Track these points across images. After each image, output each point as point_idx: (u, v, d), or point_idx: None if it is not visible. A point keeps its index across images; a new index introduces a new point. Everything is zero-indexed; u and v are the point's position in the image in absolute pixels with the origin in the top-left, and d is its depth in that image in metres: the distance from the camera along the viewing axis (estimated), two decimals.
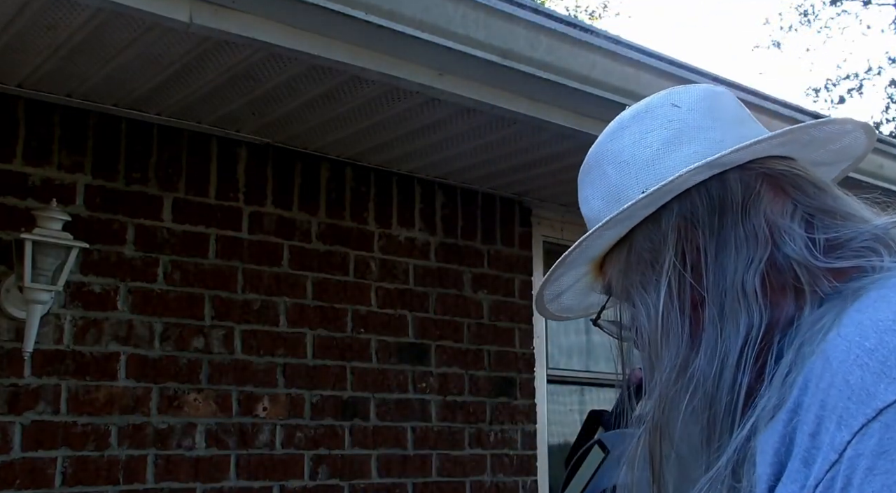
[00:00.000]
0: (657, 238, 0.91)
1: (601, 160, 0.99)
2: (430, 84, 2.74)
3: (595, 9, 19.43)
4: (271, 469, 3.19)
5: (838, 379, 0.69)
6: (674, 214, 0.91)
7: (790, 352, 0.78)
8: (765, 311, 0.84)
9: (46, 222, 2.73)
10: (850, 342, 0.71)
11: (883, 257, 0.82)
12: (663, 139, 0.94)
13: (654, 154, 0.93)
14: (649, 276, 0.91)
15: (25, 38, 2.51)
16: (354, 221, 3.57)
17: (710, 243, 0.88)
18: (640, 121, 0.97)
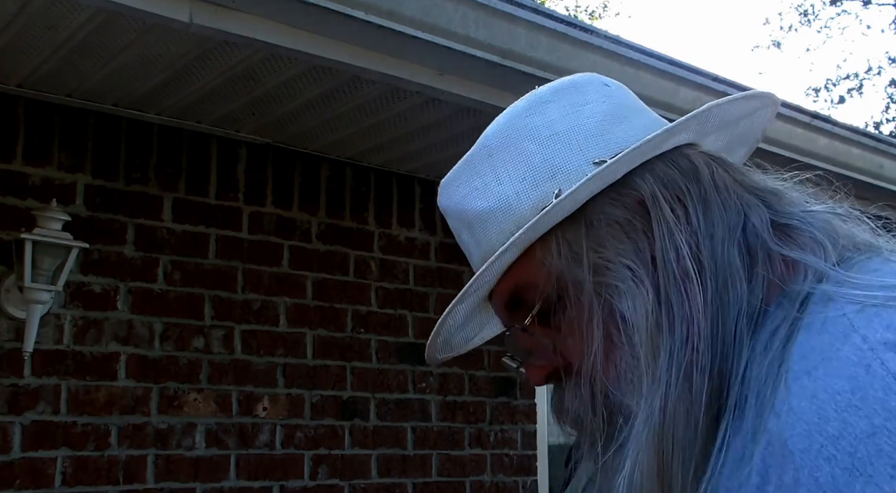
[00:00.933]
0: (630, 207, 0.79)
1: (513, 139, 0.86)
2: (430, 84, 2.74)
3: (595, 9, 19.44)
4: (271, 469, 3.19)
5: (804, 476, 0.60)
6: (648, 180, 0.80)
7: (750, 385, 0.70)
8: (746, 291, 0.75)
9: (46, 222, 2.73)
10: (808, 425, 0.61)
11: (827, 256, 0.73)
12: (604, 112, 0.84)
13: (600, 124, 0.83)
14: (635, 250, 0.78)
15: (25, 38, 2.51)
16: (354, 221, 3.57)
17: (699, 209, 0.78)
18: (568, 95, 0.86)
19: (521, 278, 0.83)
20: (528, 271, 0.83)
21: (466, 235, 0.90)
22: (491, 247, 0.84)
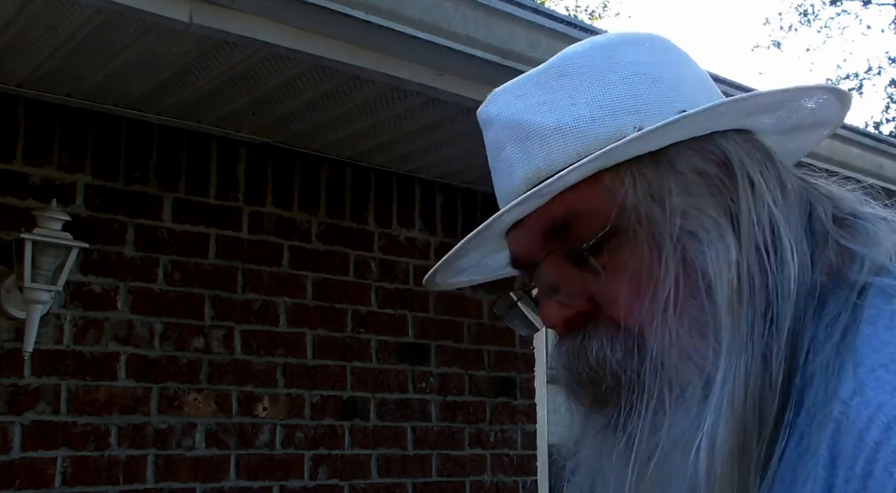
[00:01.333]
0: (715, 164, 0.75)
1: (595, 67, 0.80)
2: (430, 84, 2.74)
3: (595, 9, 19.45)
4: (271, 469, 3.19)
5: (878, 469, 0.58)
6: (732, 143, 0.76)
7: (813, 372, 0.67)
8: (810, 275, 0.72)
9: (46, 222, 2.73)
10: (888, 419, 0.60)
11: (885, 252, 0.72)
12: (688, 72, 0.81)
13: (683, 79, 0.80)
14: (720, 205, 0.74)
15: (25, 39, 2.51)
16: (354, 221, 3.57)
17: (776, 187, 0.75)
18: (655, 44, 0.83)
19: (577, 204, 0.77)
20: (588, 199, 0.76)
21: (513, 148, 0.82)
22: (551, 164, 0.78)
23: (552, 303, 0.78)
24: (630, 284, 0.74)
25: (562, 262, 0.77)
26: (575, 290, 0.76)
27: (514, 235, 0.83)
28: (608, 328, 0.75)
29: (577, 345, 0.76)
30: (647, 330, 0.73)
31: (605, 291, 0.75)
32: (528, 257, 0.81)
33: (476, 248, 0.87)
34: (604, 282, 0.75)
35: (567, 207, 0.77)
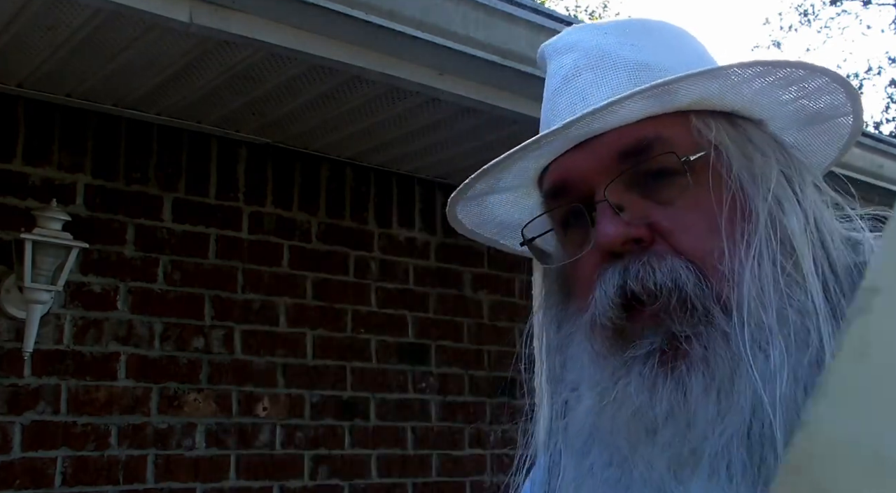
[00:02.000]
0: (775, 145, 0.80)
1: (675, 30, 0.85)
2: (430, 84, 2.74)
3: (595, 9, 19.44)
4: (271, 469, 3.19)
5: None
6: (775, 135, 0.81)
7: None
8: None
9: (46, 222, 2.73)
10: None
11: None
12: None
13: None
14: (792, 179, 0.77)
15: (25, 38, 2.51)
16: (354, 221, 3.57)
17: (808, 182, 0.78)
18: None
19: (664, 131, 0.76)
20: (674, 130, 0.77)
21: (592, 75, 0.81)
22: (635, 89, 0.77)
23: (616, 220, 0.75)
24: (703, 221, 0.74)
25: (629, 186, 0.76)
26: (639, 214, 0.75)
27: (574, 155, 0.79)
28: (673, 257, 0.74)
29: (639, 266, 0.74)
30: (715, 269, 0.73)
31: (671, 222, 0.75)
32: (586, 178, 0.78)
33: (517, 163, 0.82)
34: (672, 213, 0.75)
35: (655, 130, 0.76)
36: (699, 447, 0.70)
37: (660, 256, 0.74)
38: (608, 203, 0.75)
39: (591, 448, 0.79)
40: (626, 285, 0.74)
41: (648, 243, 0.75)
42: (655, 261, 0.74)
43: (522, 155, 0.80)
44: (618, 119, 0.76)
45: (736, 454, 0.69)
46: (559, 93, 0.83)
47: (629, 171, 0.76)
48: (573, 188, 0.80)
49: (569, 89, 0.82)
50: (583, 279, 0.79)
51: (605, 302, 0.75)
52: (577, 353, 0.81)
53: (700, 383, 0.71)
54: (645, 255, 0.74)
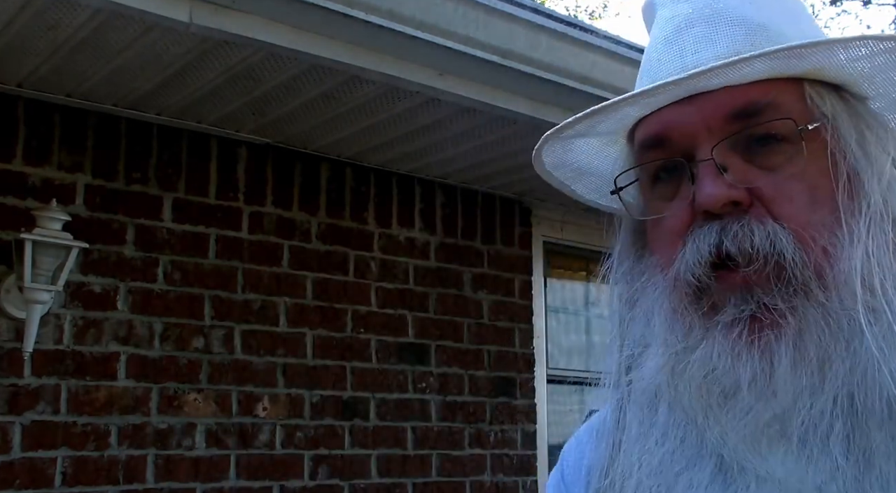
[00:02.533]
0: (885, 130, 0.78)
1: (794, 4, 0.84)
2: (430, 84, 2.74)
3: (595, 9, 19.44)
4: (271, 469, 3.19)
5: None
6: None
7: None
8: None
9: (46, 222, 2.73)
10: None
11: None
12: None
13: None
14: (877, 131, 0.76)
15: (25, 38, 2.51)
16: (354, 221, 3.57)
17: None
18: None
19: (779, 96, 0.75)
20: (788, 97, 0.75)
21: (707, 29, 0.79)
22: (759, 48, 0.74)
23: (720, 181, 0.73)
24: (807, 191, 0.73)
25: (733, 148, 0.75)
26: (741, 177, 0.74)
27: (679, 109, 0.77)
28: (773, 223, 0.73)
29: (738, 227, 0.73)
30: (815, 242, 0.72)
31: (774, 189, 0.73)
32: (690, 134, 0.77)
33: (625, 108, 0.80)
34: (775, 181, 0.74)
35: (769, 94, 0.75)
36: (785, 418, 0.69)
37: (760, 220, 0.73)
38: (714, 162, 0.74)
39: (658, 407, 0.78)
40: (722, 245, 0.72)
41: (747, 207, 0.73)
42: (755, 224, 0.72)
43: (634, 101, 0.78)
44: (737, 77, 0.74)
45: (833, 426, 0.68)
46: (669, 42, 0.81)
47: (738, 133, 0.74)
48: (673, 142, 0.78)
49: (680, 40, 0.80)
50: (668, 235, 0.78)
51: (695, 259, 0.74)
52: (651, 309, 0.79)
53: (790, 355, 0.69)
54: (745, 217, 0.73)
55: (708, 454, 0.73)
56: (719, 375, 0.71)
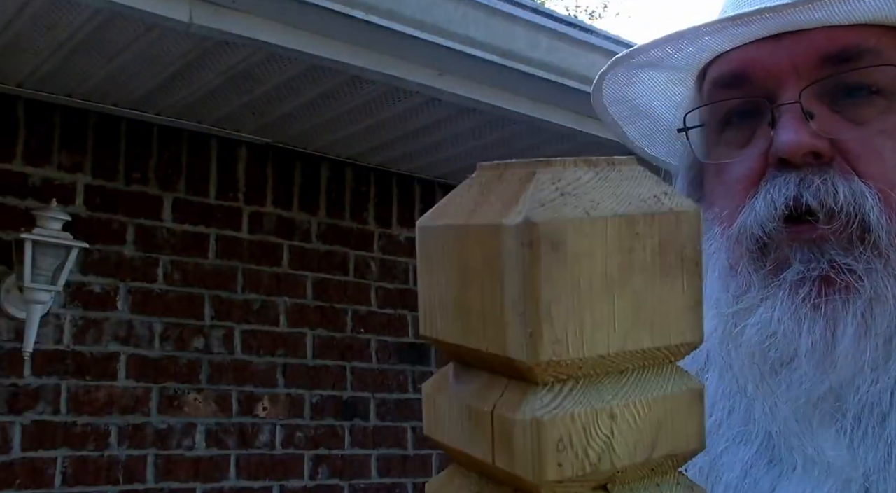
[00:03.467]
0: None
1: None
2: (430, 84, 2.74)
3: (595, 9, 19.43)
4: (271, 469, 3.19)
5: None
6: None
7: None
8: None
9: (46, 222, 2.73)
10: None
11: None
12: None
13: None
14: None
15: (25, 38, 2.51)
16: (354, 221, 3.57)
17: None
18: None
19: (880, 44, 0.68)
20: (891, 44, 0.68)
21: None
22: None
23: (804, 128, 0.66)
24: (888, 150, 0.67)
25: (821, 95, 0.68)
26: (827, 127, 0.67)
27: (766, 46, 0.70)
28: (858, 181, 0.66)
29: (819, 181, 0.66)
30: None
31: (861, 144, 0.67)
32: (776, 75, 0.70)
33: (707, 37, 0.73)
34: (863, 135, 0.67)
35: (870, 39, 0.68)
36: (842, 393, 0.63)
37: (844, 176, 0.66)
38: (800, 106, 0.67)
39: (707, 373, 0.71)
40: (802, 198, 0.66)
41: (828, 161, 0.67)
42: (840, 180, 0.66)
43: (721, 28, 0.71)
44: (840, 14, 0.67)
45: (885, 410, 0.62)
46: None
47: (829, 77, 0.68)
48: (755, 82, 0.71)
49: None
50: (734, 185, 0.71)
51: (768, 211, 0.67)
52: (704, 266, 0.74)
53: (856, 324, 0.63)
54: (829, 171, 0.66)
55: (755, 431, 0.67)
56: (779, 340, 0.65)
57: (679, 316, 0.39)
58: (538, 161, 0.39)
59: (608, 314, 0.37)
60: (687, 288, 0.39)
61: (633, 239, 0.38)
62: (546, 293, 0.36)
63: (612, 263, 0.37)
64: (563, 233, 0.36)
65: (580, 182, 0.38)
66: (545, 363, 0.36)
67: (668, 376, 0.40)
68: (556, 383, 0.37)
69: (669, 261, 0.39)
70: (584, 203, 0.37)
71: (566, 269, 0.36)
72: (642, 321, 0.38)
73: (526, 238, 0.36)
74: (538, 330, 0.36)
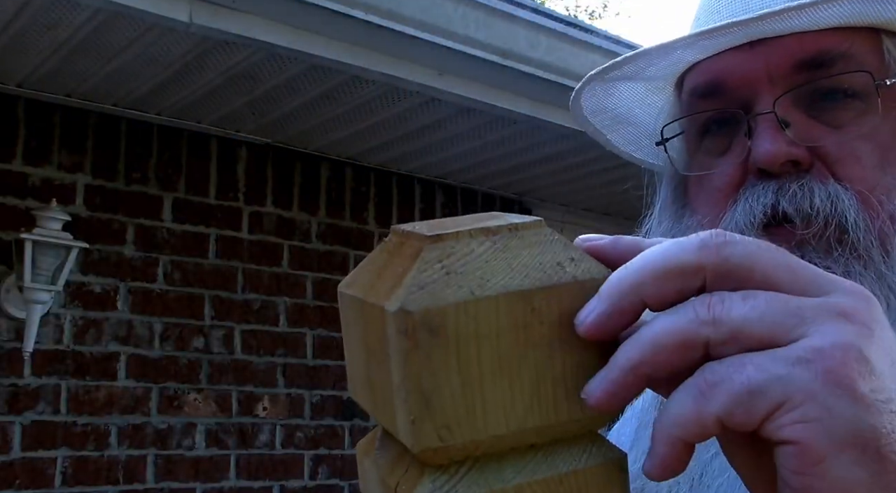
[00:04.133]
0: None
1: None
2: (430, 84, 2.74)
3: (595, 9, 19.44)
4: (271, 469, 3.19)
5: None
6: None
7: None
8: None
9: (46, 222, 2.73)
10: None
11: None
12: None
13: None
14: None
15: (25, 38, 2.51)
16: (354, 221, 3.57)
17: None
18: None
19: (853, 48, 0.68)
20: (863, 49, 0.69)
21: None
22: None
23: (780, 137, 0.67)
24: (876, 152, 0.67)
25: (796, 102, 0.69)
26: (804, 134, 0.67)
27: (739, 55, 0.70)
28: (835, 183, 0.66)
29: (796, 187, 0.66)
30: (882, 206, 0.66)
31: (839, 148, 0.67)
32: (750, 84, 0.70)
33: (679, 52, 0.73)
34: (841, 139, 0.67)
35: (843, 43, 0.68)
36: None
37: (820, 180, 0.66)
38: (775, 116, 0.67)
39: None
40: (779, 205, 0.66)
41: (806, 168, 0.67)
42: (815, 184, 0.66)
43: (692, 42, 0.71)
44: (811, 21, 0.67)
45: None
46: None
47: (804, 85, 0.68)
48: (730, 91, 0.71)
49: None
50: (715, 193, 0.71)
51: (746, 219, 0.67)
52: None
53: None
54: (805, 177, 0.66)
55: None
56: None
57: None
58: (435, 234, 0.37)
59: (503, 394, 0.36)
60: (596, 357, 0.37)
61: (529, 314, 0.36)
62: (426, 380, 0.35)
63: (504, 341, 0.36)
64: (443, 317, 0.35)
65: (471, 257, 0.36)
66: (430, 450, 0.35)
67: (584, 448, 0.38)
68: (452, 464, 0.36)
69: (573, 332, 0.37)
70: (472, 281, 0.36)
71: (449, 353, 0.35)
72: (545, 396, 0.36)
73: (402, 325, 0.35)
74: (420, 417, 0.35)
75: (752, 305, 0.35)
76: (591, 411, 0.37)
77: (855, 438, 0.34)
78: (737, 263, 0.37)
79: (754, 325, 0.35)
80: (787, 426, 0.34)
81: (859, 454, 0.34)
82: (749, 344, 0.35)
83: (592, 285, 0.37)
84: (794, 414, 0.34)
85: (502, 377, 0.36)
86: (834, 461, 0.34)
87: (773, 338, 0.35)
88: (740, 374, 0.34)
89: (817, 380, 0.34)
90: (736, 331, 0.35)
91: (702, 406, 0.35)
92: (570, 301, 0.37)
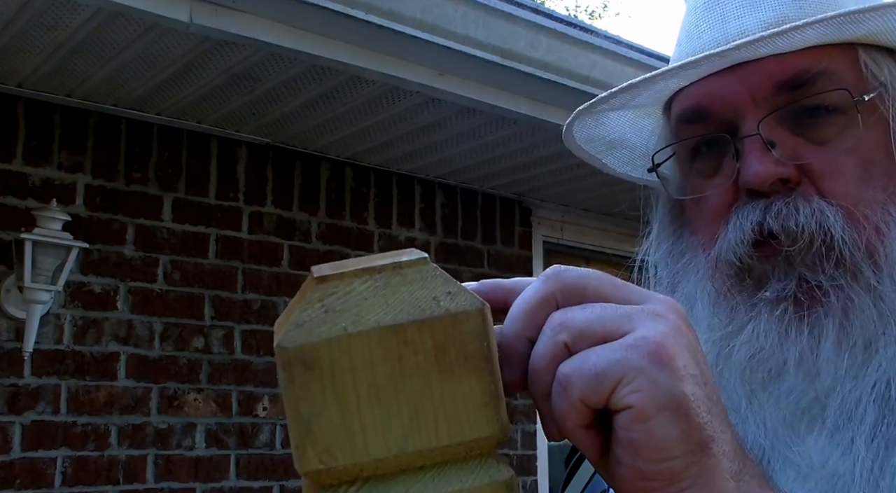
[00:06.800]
0: None
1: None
2: (430, 84, 2.74)
3: (595, 9, 19.46)
4: (271, 469, 3.19)
5: None
6: None
7: None
8: None
9: (46, 222, 2.73)
10: None
11: None
12: None
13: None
14: None
15: (25, 38, 2.51)
16: (354, 221, 3.57)
17: None
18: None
19: (832, 65, 0.70)
20: (841, 65, 0.70)
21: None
22: (803, 16, 0.70)
23: (767, 158, 0.68)
24: (860, 166, 0.68)
25: (780, 121, 0.70)
26: (790, 152, 0.69)
27: (722, 79, 0.72)
28: (820, 200, 0.68)
29: (782, 204, 0.68)
30: (867, 219, 0.67)
31: (824, 164, 0.69)
32: (733, 107, 0.72)
33: (664, 81, 0.75)
34: (825, 155, 0.69)
35: (821, 62, 0.69)
36: (825, 399, 0.65)
37: (806, 197, 0.68)
38: (760, 138, 0.69)
39: None
40: (765, 223, 0.68)
41: (795, 184, 0.69)
42: (801, 202, 0.68)
43: (676, 73, 0.73)
44: (786, 45, 0.68)
45: (866, 413, 0.63)
46: (710, 7, 0.76)
47: (787, 105, 0.69)
48: (716, 115, 0.73)
49: (721, 4, 0.75)
50: (709, 213, 0.73)
51: (736, 238, 0.69)
52: (693, 293, 0.75)
53: (835, 333, 0.65)
54: (791, 195, 0.68)
55: (748, 447, 0.67)
56: (766, 355, 0.67)
57: (470, 412, 0.40)
58: (321, 276, 0.40)
59: (382, 419, 0.39)
60: (476, 384, 0.41)
61: (402, 346, 0.39)
62: (305, 410, 0.38)
63: (378, 372, 0.39)
64: (317, 352, 0.38)
65: (351, 295, 0.40)
66: (314, 472, 0.39)
67: (472, 469, 0.41)
68: (342, 484, 0.39)
69: (450, 361, 0.40)
70: (347, 318, 0.39)
71: (325, 384, 0.38)
72: (424, 422, 0.40)
73: (281, 361, 0.39)
74: (302, 443, 0.39)
75: (591, 311, 0.46)
76: (475, 433, 0.41)
77: (671, 402, 0.44)
78: (573, 284, 0.47)
79: (594, 325, 0.45)
80: (625, 396, 0.44)
81: (673, 415, 0.44)
82: (594, 340, 0.45)
83: (465, 318, 0.41)
84: (630, 386, 0.44)
85: (380, 404, 0.39)
86: (656, 419, 0.43)
87: (608, 334, 0.45)
88: (587, 363, 0.44)
89: (644, 359, 0.44)
90: (581, 331, 0.45)
91: (568, 397, 0.44)
92: (444, 332, 0.40)
